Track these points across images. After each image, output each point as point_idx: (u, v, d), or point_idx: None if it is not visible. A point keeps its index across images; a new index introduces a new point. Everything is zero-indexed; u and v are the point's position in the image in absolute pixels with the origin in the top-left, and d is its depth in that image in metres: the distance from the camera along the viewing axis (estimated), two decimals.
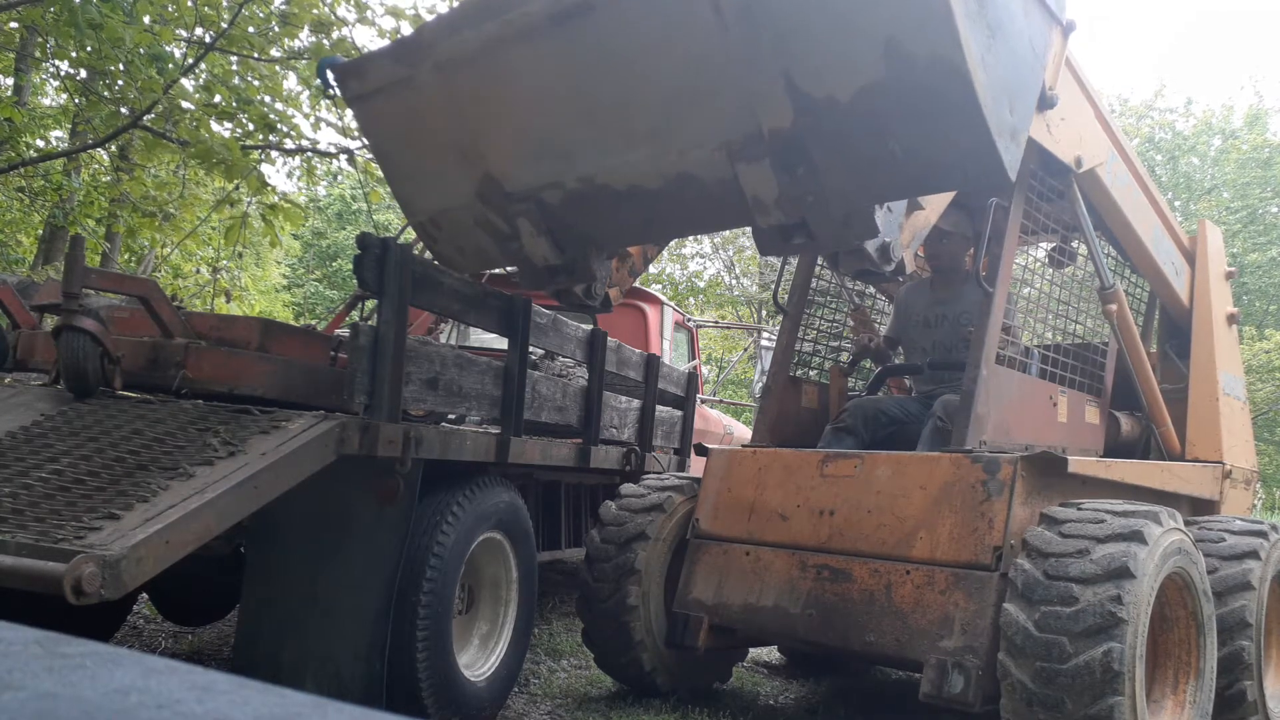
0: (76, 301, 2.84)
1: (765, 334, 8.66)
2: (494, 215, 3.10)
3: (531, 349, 3.78)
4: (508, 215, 3.05)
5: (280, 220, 7.53)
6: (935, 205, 3.43)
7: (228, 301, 11.73)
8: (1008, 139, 2.25)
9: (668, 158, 2.63)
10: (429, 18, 5.32)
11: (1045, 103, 3.25)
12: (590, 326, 4.37)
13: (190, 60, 6.58)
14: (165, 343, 3.04)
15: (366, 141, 3.49)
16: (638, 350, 4.91)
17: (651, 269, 22.27)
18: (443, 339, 5.74)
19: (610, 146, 2.71)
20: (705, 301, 21.81)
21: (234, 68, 7.13)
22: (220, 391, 3.01)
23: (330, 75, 3.27)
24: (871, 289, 5.24)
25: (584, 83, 2.66)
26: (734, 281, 21.82)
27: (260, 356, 3.09)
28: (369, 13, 7.01)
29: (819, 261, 4.70)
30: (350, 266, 3.42)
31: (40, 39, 8.03)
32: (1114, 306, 4.05)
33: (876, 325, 4.96)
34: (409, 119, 3.14)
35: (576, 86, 2.68)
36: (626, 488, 4.27)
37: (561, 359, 4.51)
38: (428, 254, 3.56)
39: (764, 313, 19.75)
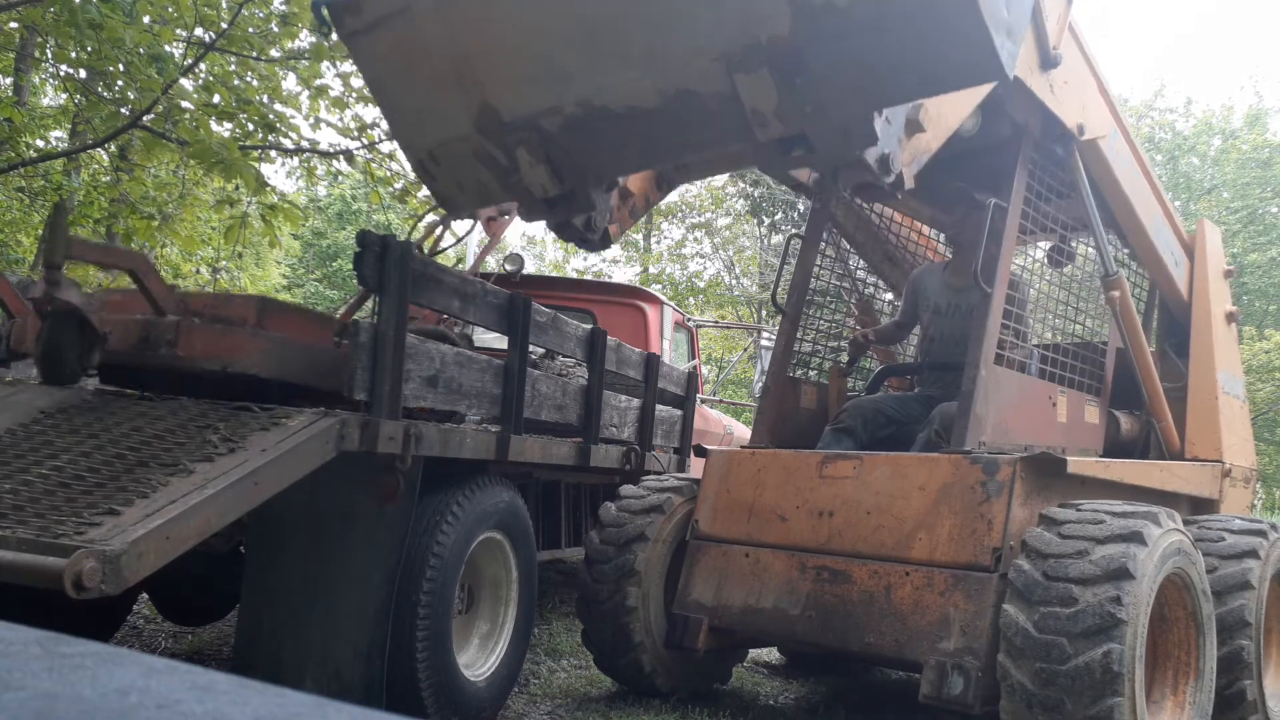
0: (59, 272, 2.76)
1: (765, 334, 8.66)
2: (492, 146, 3.08)
3: (531, 347, 3.77)
4: (506, 145, 3.03)
5: (279, 221, 7.53)
6: (937, 129, 3.37)
7: None
8: (1004, 35, 2.26)
9: (665, 74, 2.61)
10: None
11: (1049, 61, 3.27)
12: (590, 326, 4.38)
13: (190, 60, 6.58)
14: (156, 320, 2.92)
15: (364, 79, 3.47)
16: (638, 349, 4.91)
17: (651, 269, 22.28)
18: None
19: (607, 66, 2.70)
20: (705, 301, 21.83)
21: (233, 68, 7.13)
22: (213, 370, 2.88)
23: (325, 14, 3.24)
24: (877, 282, 5.22)
25: (579, 1, 2.66)
26: (734, 281, 21.84)
27: (255, 333, 2.96)
28: None
29: (818, 262, 4.70)
30: (350, 266, 3.40)
31: (40, 39, 8.03)
32: (1117, 294, 4.04)
33: (880, 318, 4.95)
34: (405, 51, 3.12)
35: (572, 5, 2.68)
36: (626, 489, 4.27)
37: (561, 358, 4.51)
38: (427, 254, 3.55)
39: (764, 313, 19.76)
